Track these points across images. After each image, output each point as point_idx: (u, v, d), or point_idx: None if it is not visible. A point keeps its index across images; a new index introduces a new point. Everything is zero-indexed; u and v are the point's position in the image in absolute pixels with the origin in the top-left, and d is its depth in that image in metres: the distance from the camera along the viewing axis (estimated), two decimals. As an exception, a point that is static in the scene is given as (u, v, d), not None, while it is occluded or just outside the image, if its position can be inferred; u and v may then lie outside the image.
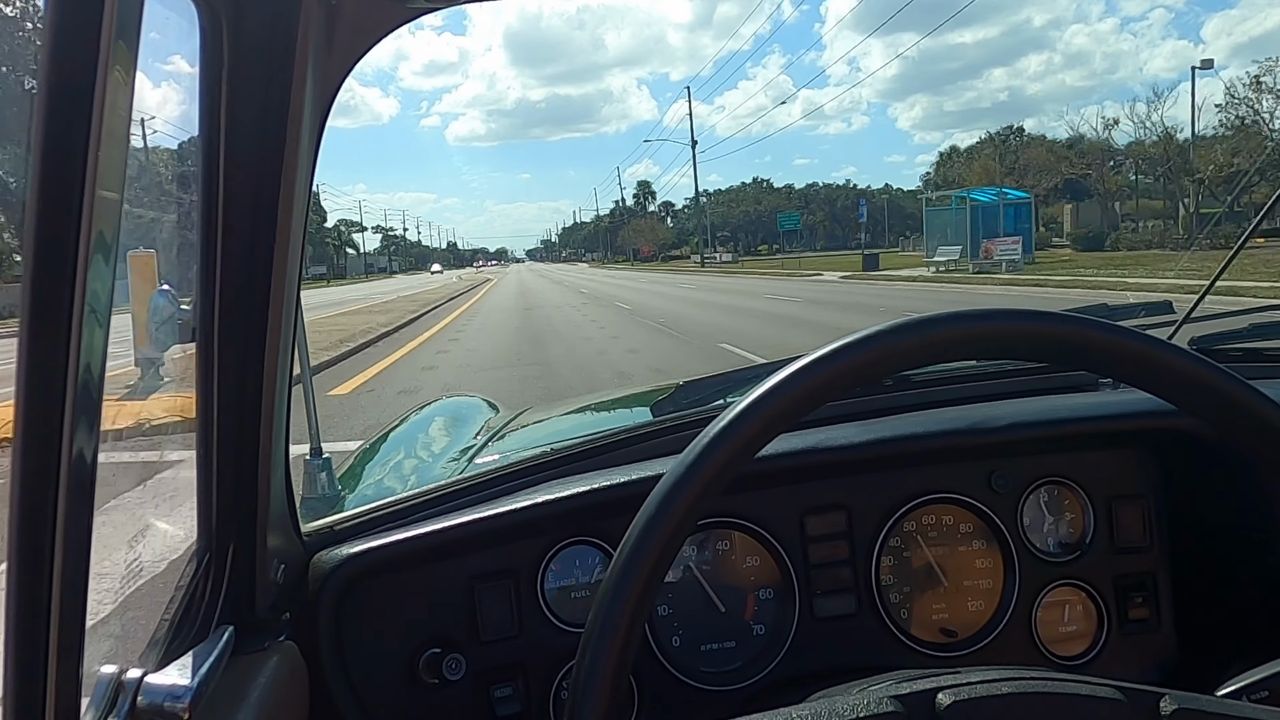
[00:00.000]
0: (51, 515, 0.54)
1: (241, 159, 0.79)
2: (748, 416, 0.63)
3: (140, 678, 0.70)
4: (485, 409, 2.46)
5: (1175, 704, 0.62)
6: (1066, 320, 0.66)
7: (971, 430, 1.23)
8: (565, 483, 1.18)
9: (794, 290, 26.78)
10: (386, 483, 1.86)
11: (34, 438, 0.53)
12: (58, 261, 0.52)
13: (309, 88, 0.79)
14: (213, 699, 0.77)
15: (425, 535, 1.11)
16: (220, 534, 0.89)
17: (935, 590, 1.23)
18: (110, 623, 0.81)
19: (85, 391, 0.54)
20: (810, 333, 13.21)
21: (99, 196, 0.53)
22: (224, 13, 0.74)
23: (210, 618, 0.88)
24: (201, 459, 0.86)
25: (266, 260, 0.82)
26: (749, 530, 1.20)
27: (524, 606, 1.15)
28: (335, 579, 1.07)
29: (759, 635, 1.20)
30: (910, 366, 0.68)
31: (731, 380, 1.53)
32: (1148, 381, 0.66)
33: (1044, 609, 1.25)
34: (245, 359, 0.85)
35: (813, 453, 1.19)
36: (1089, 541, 1.27)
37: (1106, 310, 1.58)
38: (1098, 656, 1.25)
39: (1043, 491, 1.28)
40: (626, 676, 0.61)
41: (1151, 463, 1.30)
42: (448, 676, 1.11)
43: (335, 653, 1.07)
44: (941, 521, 1.24)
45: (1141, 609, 1.27)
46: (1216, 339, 1.50)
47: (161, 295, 0.83)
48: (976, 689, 0.64)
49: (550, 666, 1.15)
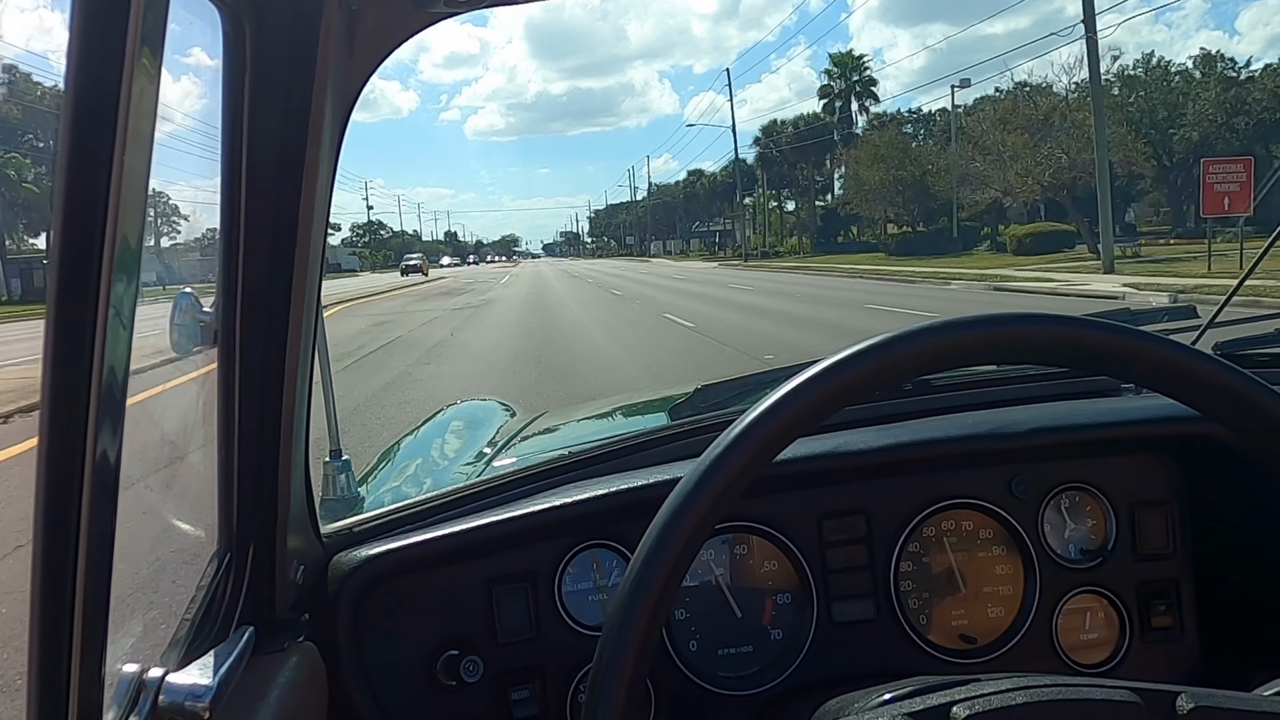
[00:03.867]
0: (75, 515, 0.54)
1: (263, 162, 0.80)
2: (766, 420, 0.63)
3: (161, 677, 0.71)
4: (502, 412, 2.47)
5: (1192, 702, 0.61)
6: (1088, 325, 0.65)
7: (992, 435, 1.22)
8: (583, 486, 1.18)
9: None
10: (405, 485, 1.86)
11: (58, 438, 0.53)
12: (83, 263, 0.53)
13: (330, 91, 0.79)
14: (233, 699, 0.77)
15: (444, 537, 1.12)
16: (241, 535, 0.90)
17: (955, 596, 1.22)
18: (132, 621, 0.82)
19: (109, 392, 0.55)
20: None
21: (124, 199, 0.53)
22: (247, 17, 0.75)
23: (231, 618, 0.89)
24: (222, 460, 0.87)
25: (287, 262, 0.83)
26: (767, 534, 1.20)
27: (542, 609, 1.15)
28: (354, 580, 1.07)
29: (776, 640, 1.20)
30: (930, 371, 0.68)
31: (750, 384, 1.52)
32: (1170, 387, 0.66)
33: (1065, 616, 1.24)
34: (266, 361, 0.86)
35: (831, 457, 1.18)
36: (1111, 548, 1.25)
37: (1129, 315, 1.57)
38: (1120, 665, 1.23)
39: (1064, 497, 1.26)
40: (643, 680, 0.61)
41: (1175, 469, 1.28)
42: (465, 678, 1.11)
43: (354, 654, 1.07)
44: (961, 527, 1.23)
45: (1164, 617, 1.25)
46: (1241, 344, 1.48)
47: (184, 297, 0.84)
48: (991, 700, 0.63)
49: (568, 669, 1.15)
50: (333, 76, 0.79)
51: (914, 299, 18.29)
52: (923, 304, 16.34)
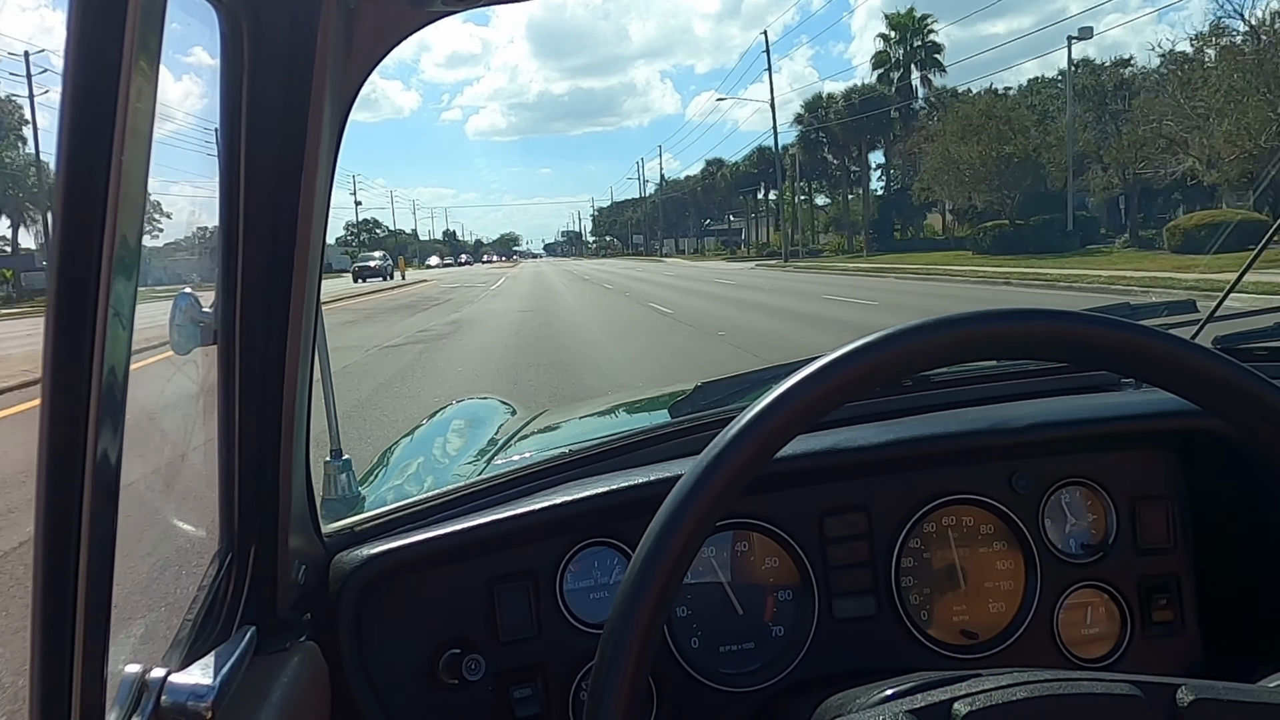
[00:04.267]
0: (77, 515, 0.54)
1: (262, 161, 0.80)
2: (766, 417, 0.63)
3: (164, 677, 0.71)
4: (503, 411, 2.47)
5: (1192, 694, 0.61)
6: (1088, 320, 0.65)
7: (992, 431, 1.22)
8: (584, 484, 1.18)
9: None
10: (406, 484, 1.86)
11: (58, 438, 0.53)
12: (82, 261, 0.53)
13: (329, 90, 0.79)
14: (235, 698, 0.77)
15: (445, 536, 1.12)
16: (242, 535, 0.90)
17: (956, 592, 1.22)
18: (133, 622, 0.82)
19: (109, 392, 0.55)
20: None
21: (123, 197, 0.53)
22: (244, 16, 0.75)
23: (232, 618, 0.89)
24: (223, 460, 0.87)
25: (287, 262, 0.83)
26: (768, 531, 1.20)
27: (543, 607, 1.15)
28: (356, 580, 1.07)
29: (778, 636, 1.20)
30: (930, 367, 0.68)
31: (750, 381, 1.52)
32: (1170, 381, 0.66)
33: (1066, 611, 1.24)
34: (266, 360, 0.86)
35: (832, 453, 1.18)
36: (1112, 543, 1.25)
37: (1129, 309, 1.57)
38: (1121, 659, 1.24)
39: (1064, 492, 1.26)
40: (645, 678, 0.61)
41: (1175, 463, 1.28)
42: (467, 677, 1.12)
43: (356, 653, 1.07)
44: (962, 523, 1.24)
45: (1165, 611, 1.25)
46: (1241, 338, 1.48)
47: (183, 298, 0.84)
48: (992, 696, 0.63)
49: (569, 667, 1.15)
50: (331, 75, 0.79)
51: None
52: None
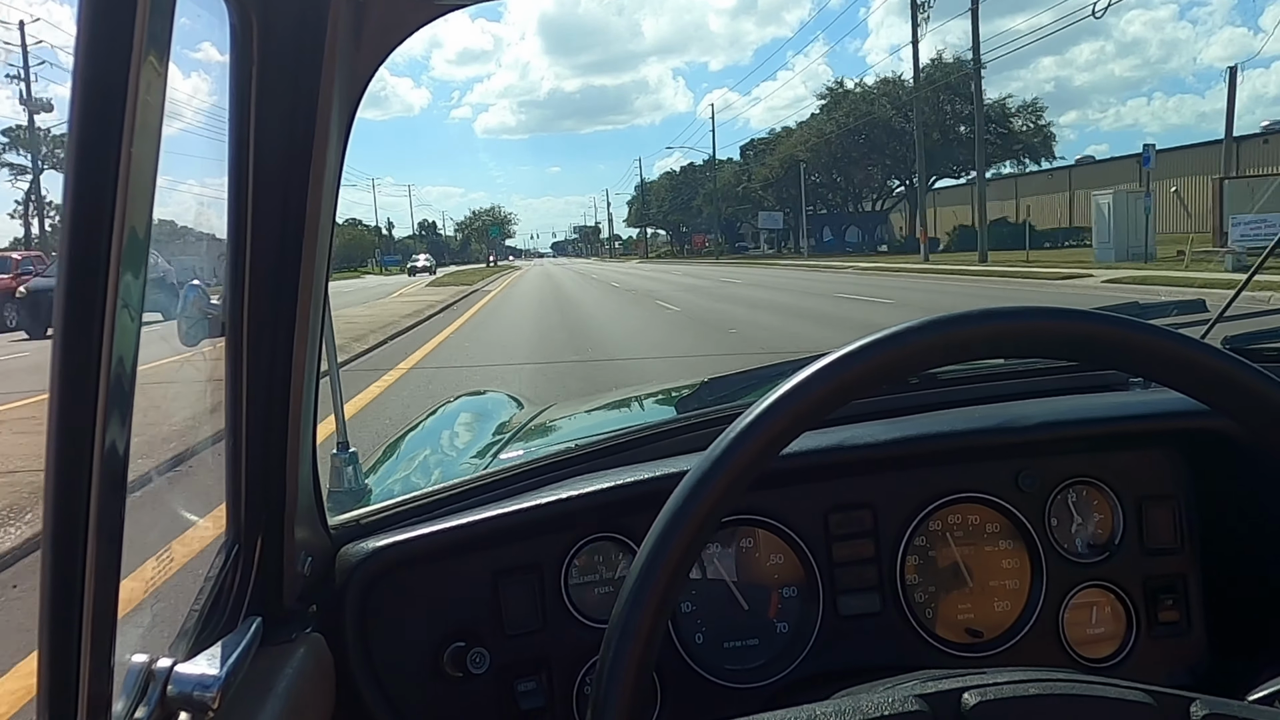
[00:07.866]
0: (85, 506, 0.55)
1: (270, 155, 0.80)
2: (773, 414, 0.63)
3: (170, 667, 0.71)
4: (510, 404, 2.47)
5: (1206, 709, 0.61)
6: (1097, 318, 0.65)
7: (999, 429, 1.22)
8: (590, 478, 1.18)
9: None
10: (412, 477, 1.87)
11: (67, 431, 0.54)
12: (91, 255, 0.53)
13: (337, 84, 0.79)
14: (241, 689, 0.78)
15: (450, 529, 1.12)
16: (249, 526, 0.90)
17: (961, 590, 1.22)
18: (140, 612, 0.82)
19: (118, 385, 0.55)
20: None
21: (132, 191, 0.53)
22: (254, 10, 0.75)
23: (239, 609, 0.89)
24: (230, 452, 0.88)
25: (295, 256, 0.83)
26: (773, 528, 1.20)
27: (548, 601, 1.16)
28: (361, 572, 1.08)
29: (782, 633, 1.20)
30: (938, 364, 0.67)
31: (756, 377, 1.52)
32: (1179, 381, 0.65)
33: (1071, 610, 1.23)
34: (274, 353, 0.86)
35: (838, 450, 1.18)
36: (1118, 543, 1.25)
37: (1138, 308, 1.56)
38: (1126, 659, 1.23)
39: (1071, 492, 1.26)
40: (649, 673, 0.61)
41: (1183, 463, 1.28)
42: (472, 670, 1.12)
43: (361, 645, 1.08)
44: (968, 521, 1.23)
45: (1171, 612, 1.25)
46: (1251, 338, 1.48)
47: (192, 290, 0.84)
48: (1003, 689, 0.63)
49: (574, 661, 1.15)
50: (340, 69, 0.79)
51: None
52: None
